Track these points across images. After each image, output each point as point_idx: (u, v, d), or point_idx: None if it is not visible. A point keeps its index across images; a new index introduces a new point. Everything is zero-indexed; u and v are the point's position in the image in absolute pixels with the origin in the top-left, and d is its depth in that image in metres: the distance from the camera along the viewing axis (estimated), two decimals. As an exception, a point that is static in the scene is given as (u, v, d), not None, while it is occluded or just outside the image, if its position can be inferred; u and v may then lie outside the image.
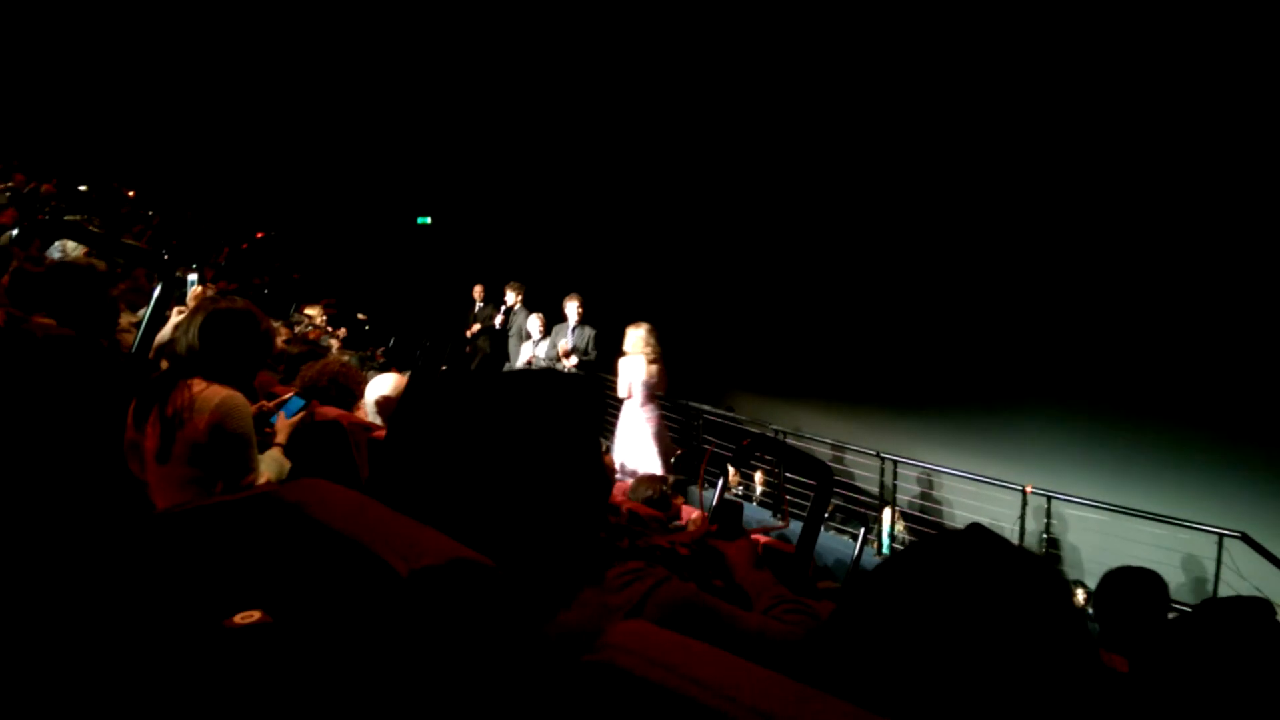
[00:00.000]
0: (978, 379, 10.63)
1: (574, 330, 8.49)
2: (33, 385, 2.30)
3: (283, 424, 3.02)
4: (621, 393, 7.39)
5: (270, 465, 2.75)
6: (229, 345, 2.49)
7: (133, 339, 2.50)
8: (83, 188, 11.21)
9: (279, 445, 2.88)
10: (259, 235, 13.53)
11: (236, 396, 2.42)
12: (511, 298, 9.62)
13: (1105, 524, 7.96)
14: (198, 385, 2.37)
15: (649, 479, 4.47)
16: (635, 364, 7.36)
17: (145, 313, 2.37)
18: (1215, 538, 6.78)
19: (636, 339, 7.43)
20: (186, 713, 0.66)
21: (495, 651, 0.74)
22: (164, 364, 2.53)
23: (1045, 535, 7.72)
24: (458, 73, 15.63)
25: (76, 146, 13.29)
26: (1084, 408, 9.64)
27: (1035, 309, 10.34)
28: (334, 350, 7.57)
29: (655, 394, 7.48)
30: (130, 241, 6.61)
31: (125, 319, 3.52)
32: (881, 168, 11.91)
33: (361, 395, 3.55)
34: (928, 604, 0.79)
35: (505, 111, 15.58)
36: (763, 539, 3.63)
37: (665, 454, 7.51)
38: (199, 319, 2.47)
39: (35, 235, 4.61)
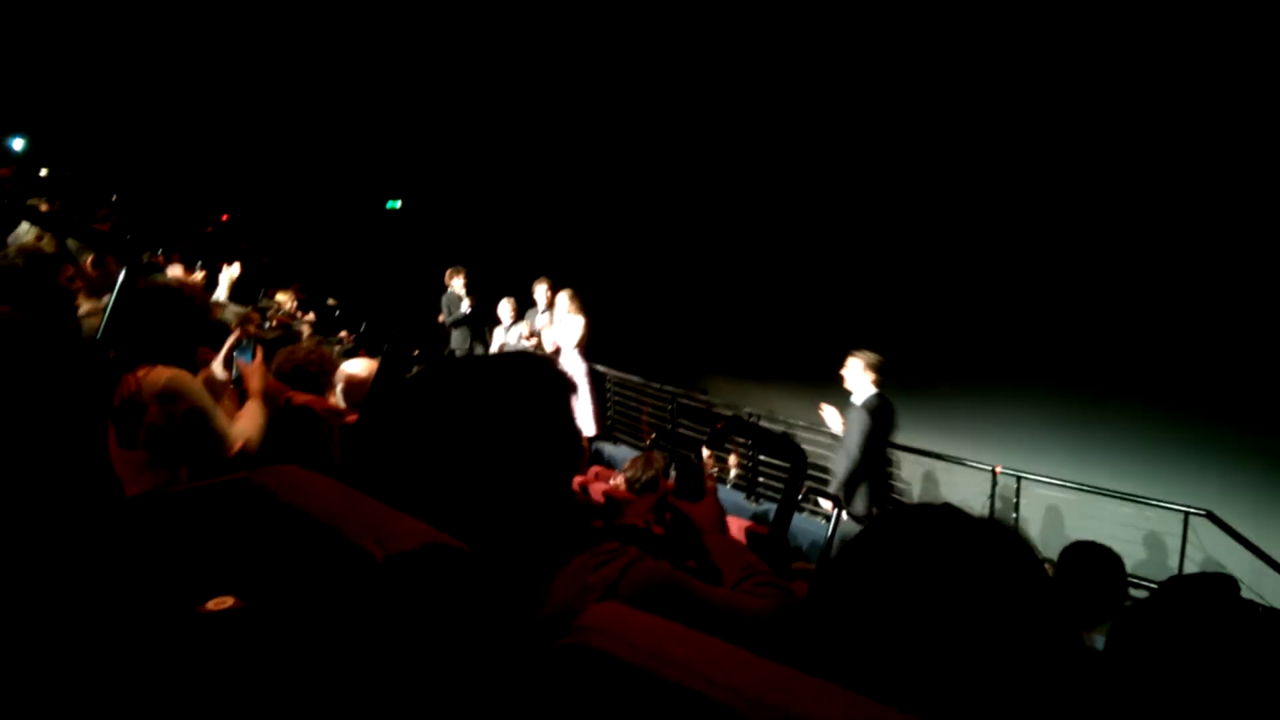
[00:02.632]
0: (947, 360, 10.72)
1: (543, 314, 8.46)
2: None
3: (252, 369, 2.94)
4: (549, 349, 8.12)
5: (249, 421, 2.71)
6: (161, 325, 2.49)
7: (96, 325, 2.46)
8: (43, 172, 11.01)
9: (255, 396, 2.84)
10: (224, 218, 13.34)
11: (182, 374, 2.43)
12: (458, 283, 9.47)
13: (1073, 503, 8.06)
14: (143, 370, 2.36)
15: (642, 460, 4.47)
16: (573, 324, 8.03)
17: (110, 299, 2.34)
18: (1181, 515, 6.89)
19: (565, 300, 8.06)
20: (159, 700, 0.65)
21: (472, 637, 0.74)
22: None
23: (1015, 515, 7.81)
24: (427, 57, 15.45)
25: (38, 131, 13.01)
26: (1053, 387, 9.75)
27: (1003, 288, 10.43)
28: (305, 335, 7.49)
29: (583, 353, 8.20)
30: (93, 226, 6.49)
31: (90, 304, 3.46)
32: (854, 152, 11.94)
33: (334, 381, 3.52)
34: (907, 580, 0.80)
35: (476, 94, 15.44)
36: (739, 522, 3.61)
37: (597, 412, 8.54)
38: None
39: (-7, 220, 4.51)
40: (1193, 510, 6.80)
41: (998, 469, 7.80)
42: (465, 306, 9.47)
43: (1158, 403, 9.00)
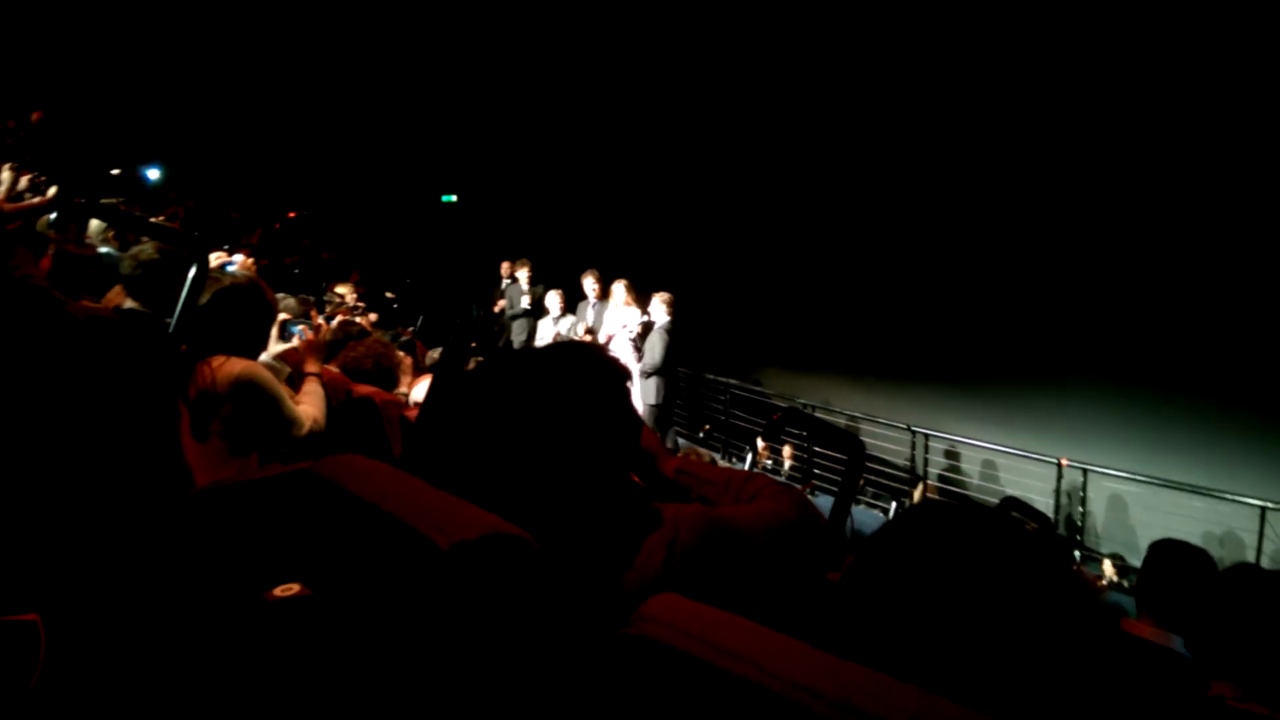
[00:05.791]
0: (1010, 350, 10.49)
1: (594, 306, 8.45)
2: (76, 367, 2.35)
3: (311, 344, 2.99)
4: (602, 340, 7.86)
5: (313, 400, 2.77)
6: (240, 319, 2.60)
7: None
8: (115, 171, 11.33)
9: (313, 375, 2.89)
10: (291, 215, 13.62)
11: (255, 366, 2.53)
12: (523, 275, 9.39)
13: (1142, 496, 7.84)
14: (217, 361, 2.46)
15: (692, 453, 4.48)
16: (629, 315, 7.87)
17: (183, 294, 2.42)
18: (1257, 510, 6.68)
19: (620, 291, 7.92)
20: (229, 681, 0.67)
21: (534, 624, 0.75)
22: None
23: (1081, 509, 7.64)
24: (482, 52, 15.58)
25: (107, 130, 13.41)
26: (1121, 378, 9.48)
27: (1068, 278, 10.17)
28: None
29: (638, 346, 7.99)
30: (163, 222, 6.68)
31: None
32: (914, 142, 11.75)
33: (400, 376, 3.58)
34: (917, 574, 0.80)
35: (530, 88, 15.53)
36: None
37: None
38: (207, 298, 2.54)
39: (72, 219, 4.67)
40: (1269, 504, 6.59)
41: (1063, 461, 7.63)
42: (525, 302, 9.45)
43: (1232, 393, 8.69)
